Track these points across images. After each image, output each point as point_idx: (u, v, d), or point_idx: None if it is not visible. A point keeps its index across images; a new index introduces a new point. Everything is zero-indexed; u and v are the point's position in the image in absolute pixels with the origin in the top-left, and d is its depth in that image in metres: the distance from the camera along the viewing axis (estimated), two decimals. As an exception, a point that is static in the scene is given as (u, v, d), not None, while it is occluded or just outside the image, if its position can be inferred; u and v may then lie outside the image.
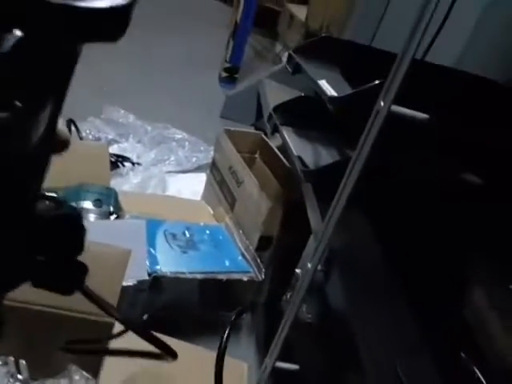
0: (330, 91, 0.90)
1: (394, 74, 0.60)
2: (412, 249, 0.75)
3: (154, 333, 0.35)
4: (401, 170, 0.84)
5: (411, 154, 0.85)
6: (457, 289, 0.72)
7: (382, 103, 0.62)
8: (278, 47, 3.09)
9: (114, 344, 0.42)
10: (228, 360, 0.84)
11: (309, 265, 0.70)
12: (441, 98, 0.92)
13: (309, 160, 0.95)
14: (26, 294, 0.76)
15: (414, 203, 0.80)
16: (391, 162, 0.82)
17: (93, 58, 2.66)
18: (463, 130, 0.87)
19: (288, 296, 1.22)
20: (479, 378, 0.57)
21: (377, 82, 0.76)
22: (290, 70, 1.09)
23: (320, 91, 0.92)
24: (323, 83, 0.96)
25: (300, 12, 2.78)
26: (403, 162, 0.85)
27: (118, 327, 0.73)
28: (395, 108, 0.66)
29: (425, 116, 0.93)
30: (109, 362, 0.80)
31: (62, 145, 0.24)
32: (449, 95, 0.95)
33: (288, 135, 1.05)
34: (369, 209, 0.81)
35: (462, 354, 0.58)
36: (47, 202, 0.26)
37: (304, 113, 1.16)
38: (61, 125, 0.23)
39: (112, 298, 0.84)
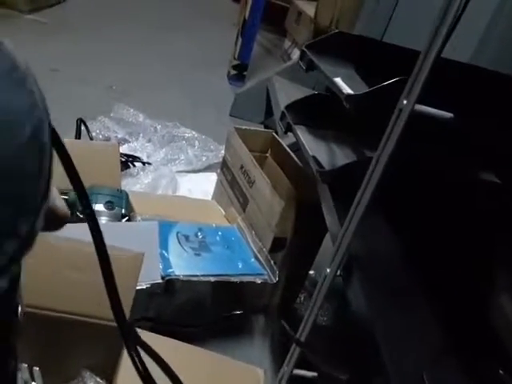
0: (346, 89, 0.87)
1: (418, 72, 0.58)
2: (437, 252, 0.73)
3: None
4: (425, 168, 0.81)
5: (437, 153, 0.82)
6: (485, 294, 0.69)
7: (405, 101, 0.60)
8: (287, 43, 3.06)
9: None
10: (243, 366, 0.82)
11: (327, 270, 0.68)
12: (457, 95, 0.89)
13: (324, 160, 0.92)
14: (41, 300, 0.75)
15: (438, 204, 0.78)
16: (416, 160, 0.80)
17: (102, 57, 2.65)
18: (484, 128, 0.84)
19: (302, 298, 1.20)
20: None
21: (396, 79, 0.73)
22: (303, 67, 1.07)
23: (336, 89, 0.90)
24: (338, 81, 0.93)
25: (308, 8, 2.75)
26: (428, 161, 0.82)
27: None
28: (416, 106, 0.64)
29: (443, 114, 0.90)
30: (124, 368, 0.78)
31: (60, 220, 0.24)
32: (466, 92, 0.92)
33: (302, 135, 1.03)
34: (391, 210, 0.78)
35: (492, 363, 0.56)
36: None
37: (317, 111, 1.13)
38: (58, 201, 0.22)
39: (126, 302, 0.82)
